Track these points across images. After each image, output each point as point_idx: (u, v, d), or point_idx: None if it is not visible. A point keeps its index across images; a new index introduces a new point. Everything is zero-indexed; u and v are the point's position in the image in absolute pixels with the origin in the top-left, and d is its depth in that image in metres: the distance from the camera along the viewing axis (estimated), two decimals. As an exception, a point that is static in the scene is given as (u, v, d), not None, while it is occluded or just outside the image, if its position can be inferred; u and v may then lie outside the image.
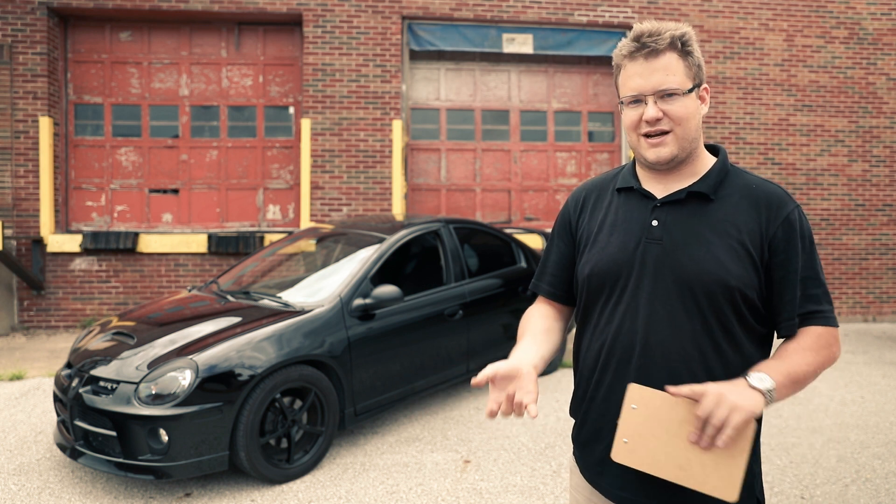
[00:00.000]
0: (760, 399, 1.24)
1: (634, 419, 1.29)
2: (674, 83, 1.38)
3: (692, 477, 1.24)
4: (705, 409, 1.21)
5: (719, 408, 1.20)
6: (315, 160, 7.68)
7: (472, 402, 4.99)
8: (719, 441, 1.20)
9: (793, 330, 1.38)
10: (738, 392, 1.23)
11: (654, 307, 1.40)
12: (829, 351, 1.38)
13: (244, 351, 3.55)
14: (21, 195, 7.37)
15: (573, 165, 8.44)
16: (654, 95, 1.38)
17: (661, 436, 1.26)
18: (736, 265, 1.36)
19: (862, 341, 7.25)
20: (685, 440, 1.25)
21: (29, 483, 3.60)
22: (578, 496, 1.59)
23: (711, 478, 1.23)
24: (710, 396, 1.22)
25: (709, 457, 1.23)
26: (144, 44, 7.84)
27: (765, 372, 1.29)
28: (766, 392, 1.25)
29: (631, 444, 1.29)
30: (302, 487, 3.58)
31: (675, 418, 1.26)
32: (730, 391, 1.22)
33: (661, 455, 1.26)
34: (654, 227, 1.43)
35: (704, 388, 1.23)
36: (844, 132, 8.34)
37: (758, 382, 1.26)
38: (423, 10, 7.77)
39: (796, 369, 1.32)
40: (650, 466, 1.28)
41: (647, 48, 1.38)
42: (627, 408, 1.30)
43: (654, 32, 1.38)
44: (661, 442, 1.26)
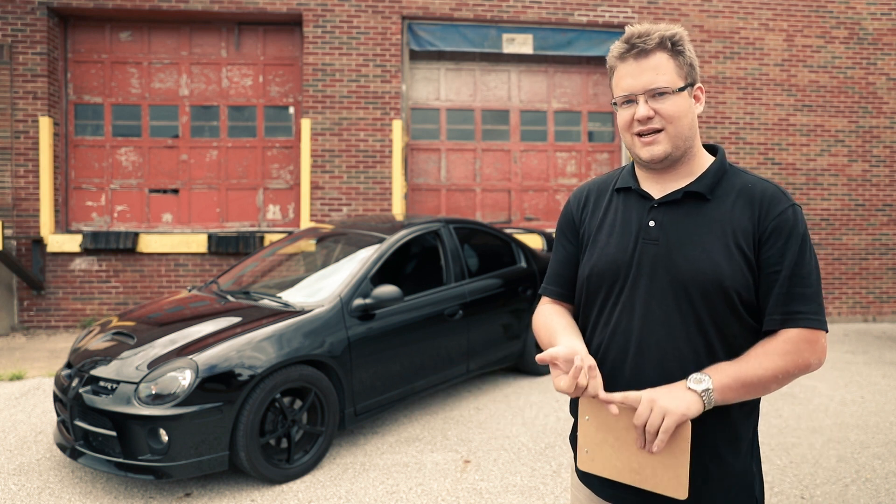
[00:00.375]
0: (695, 400, 1.27)
1: (589, 429, 1.35)
2: (663, 82, 1.39)
3: (646, 479, 1.30)
4: (639, 416, 1.27)
5: (653, 413, 1.25)
6: (315, 160, 7.68)
7: (472, 402, 4.99)
8: (654, 447, 1.25)
9: (773, 327, 1.37)
10: (672, 396, 1.27)
11: (650, 307, 1.41)
12: (799, 357, 1.34)
13: (244, 351, 3.55)
14: (21, 195, 7.37)
15: (573, 165, 8.44)
16: (644, 94, 1.40)
17: (613, 443, 1.33)
18: (731, 265, 1.36)
19: (862, 341, 7.25)
20: (633, 445, 1.30)
21: (29, 483, 3.60)
22: (579, 494, 1.60)
23: (662, 479, 1.29)
24: (643, 403, 1.27)
25: (657, 459, 1.29)
26: (144, 44, 7.84)
27: (709, 373, 1.31)
28: (702, 393, 1.28)
29: (591, 453, 1.36)
30: (302, 487, 3.58)
31: (622, 426, 1.31)
32: (662, 396, 1.27)
33: (617, 461, 1.33)
34: (651, 227, 1.44)
35: (638, 395, 1.28)
36: (844, 132, 8.34)
37: (694, 384, 1.29)
38: (423, 10, 7.77)
39: (750, 373, 1.32)
40: (610, 472, 1.34)
41: (636, 48, 1.40)
42: (582, 419, 1.35)
43: (644, 34, 1.40)
44: (614, 449, 1.33)
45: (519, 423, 4.55)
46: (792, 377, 1.36)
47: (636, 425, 1.27)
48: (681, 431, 1.26)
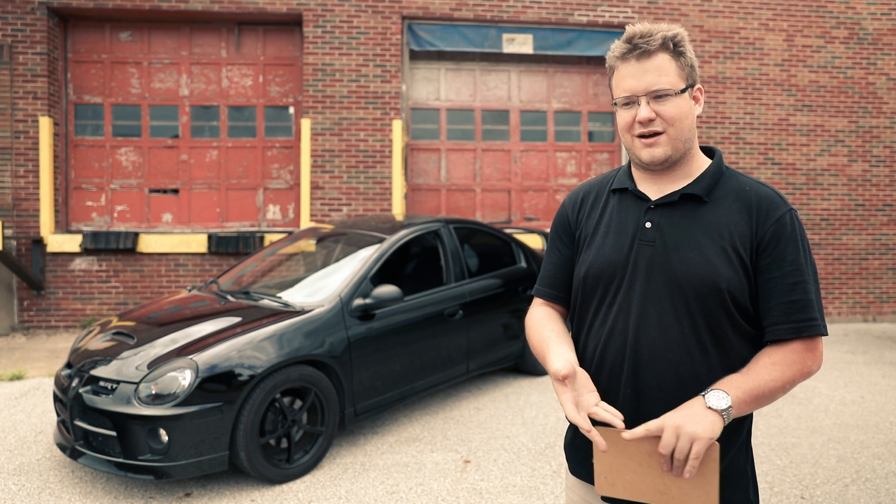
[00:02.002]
0: (718, 420, 1.25)
1: (606, 458, 1.32)
2: (666, 84, 1.38)
3: (674, 499, 1.28)
4: (666, 445, 1.23)
5: (679, 441, 1.22)
6: (315, 160, 7.68)
7: (472, 402, 4.99)
8: (686, 473, 1.23)
9: (778, 336, 1.36)
10: (695, 419, 1.24)
11: (645, 309, 1.41)
12: (801, 365, 1.36)
13: (244, 351, 3.55)
14: (21, 195, 7.37)
15: (573, 165, 8.44)
16: (646, 96, 1.39)
17: (636, 468, 1.30)
18: (726, 268, 1.36)
19: (862, 341, 7.25)
20: (658, 469, 1.28)
21: (29, 483, 3.60)
22: (574, 496, 1.60)
23: (691, 497, 1.27)
24: (669, 431, 1.23)
25: (684, 480, 1.26)
26: (144, 44, 7.84)
27: (725, 389, 1.29)
28: (723, 412, 1.26)
29: (610, 478, 1.33)
30: (302, 487, 3.58)
31: (643, 452, 1.29)
32: (686, 421, 1.24)
33: (641, 484, 1.30)
34: (648, 228, 1.44)
35: (662, 423, 1.25)
36: (844, 132, 8.34)
37: (715, 402, 1.27)
38: (423, 10, 7.77)
39: (761, 385, 1.32)
40: (633, 494, 1.32)
41: (638, 49, 1.39)
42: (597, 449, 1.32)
43: (646, 34, 1.38)
44: (636, 474, 1.30)
45: (519, 423, 4.55)
46: (795, 385, 1.38)
47: (662, 454, 1.24)
48: (710, 452, 1.23)
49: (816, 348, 1.38)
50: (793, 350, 1.36)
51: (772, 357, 1.35)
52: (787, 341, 1.36)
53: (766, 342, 1.39)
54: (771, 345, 1.38)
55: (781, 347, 1.36)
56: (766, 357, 1.36)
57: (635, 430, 1.26)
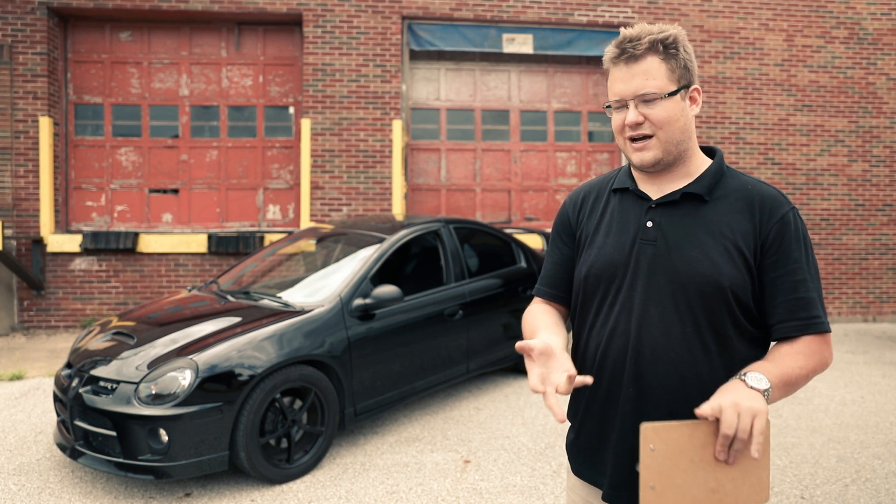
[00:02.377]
0: (764, 399, 1.23)
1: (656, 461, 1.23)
2: (653, 87, 1.38)
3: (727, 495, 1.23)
4: (729, 424, 1.18)
5: (741, 419, 1.18)
6: (315, 160, 7.68)
7: (472, 402, 4.99)
8: (755, 451, 1.17)
9: (786, 334, 1.37)
10: (747, 396, 1.21)
11: (647, 308, 1.41)
12: (820, 356, 1.37)
13: (244, 351, 3.55)
14: (21, 195, 7.37)
15: (573, 165, 8.45)
16: (634, 100, 1.39)
17: (688, 467, 1.23)
18: (729, 266, 1.36)
19: (862, 341, 7.25)
20: (711, 462, 1.22)
21: (29, 483, 3.60)
22: (575, 496, 1.60)
23: (744, 488, 1.22)
24: (728, 410, 1.18)
25: (737, 469, 1.22)
26: (144, 44, 7.84)
27: (761, 372, 1.27)
28: (764, 392, 1.24)
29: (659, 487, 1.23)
30: (302, 487, 3.58)
31: (697, 444, 1.23)
32: (741, 398, 1.20)
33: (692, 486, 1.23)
34: (649, 228, 1.44)
35: (719, 403, 1.20)
36: (844, 132, 8.34)
37: (756, 383, 1.25)
38: (423, 10, 7.77)
39: (790, 372, 1.31)
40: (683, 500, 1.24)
41: (626, 53, 1.39)
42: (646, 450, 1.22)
43: (635, 37, 1.39)
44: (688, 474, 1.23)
45: (519, 423, 4.55)
46: (814, 376, 1.38)
47: (727, 435, 1.18)
48: (766, 431, 1.20)
49: (828, 342, 1.40)
50: (809, 343, 1.37)
51: (794, 346, 1.36)
52: (797, 338, 1.37)
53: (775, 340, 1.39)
54: (781, 341, 1.38)
55: (797, 341, 1.37)
56: (787, 347, 1.36)
57: (703, 408, 1.20)
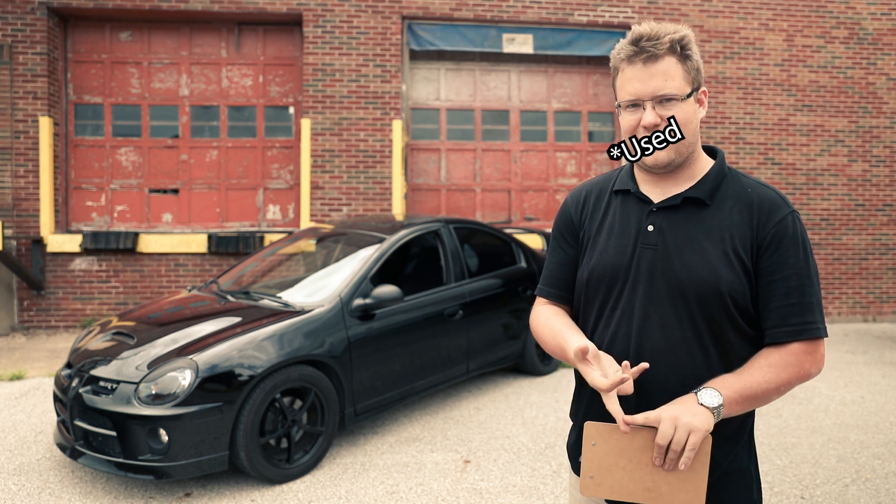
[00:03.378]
0: (710, 416, 1.26)
1: (596, 455, 1.32)
2: (672, 89, 1.36)
3: (661, 496, 1.29)
4: (664, 434, 1.23)
5: (677, 432, 1.22)
6: (315, 160, 7.68)
7: (472, 402, 4.99)
8: (681, 464, 1.23)
9: (779, 339, 1.36)
10: (691, 413, 1.25)
11: (648, 312, 1.41)
12: (800, 368, 1.36)
13: (244, 351, 3.55)
14: (21, 195, 7.37)
15: (573, 165, 8.44)
16: (652, 101, 1.37)
17: (625, 465, 1.30)
18: (728, 271, 1.36)
19: (862, 341, 7.25)
20: (648, 465, 1.28)
21: (29, 483, 3.60)
22: (577, 494, 1.60)
23: (679, 494, 1.28)
24: (666, 422, 1.23)
25: (673, 476, 1.27)
26: (144, 44, 7.84)
27: (717, 388, 1.29)
28: (714, 409, 1.27)
29: (597, 478, 1.32)
30: (302, 487, 3.58)
31: (636, 447, 1.29)
32: (683, 413, 1.24)
33: (629, 483, 1.30)
34: (650, 232, 1.43)
35: (658, 415, 1.25)
36: (844, 132, 8.34)
37: (706, 400, 1.28)
38: (423, 10, 7.77)
39: (753, 386, 1.32)
40: (620, 494, 1.32)
41: (646, 53, 1.36)
42: (587, 445, 1.32)
43: (654, 36, 1.36)
44: (626, 472, 1.30)
45: (519, 423, 4.55)
46: (792, 387, 1.38)
47: (660, 444, 1.24)
48: (702, 446, 1.26)
49: (816, 351, 1.37)
50: (790, 352, 1.35)
51: (768, 359, 1.35)
52: (786, 344, 1.36)
53: (766, 344, 1.39)
54: (769, 346, 1.38)
55: (779, 349, 1.36)
56: (762, 358, 1.36)
57: (635, 417, 1.27)
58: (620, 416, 1.28)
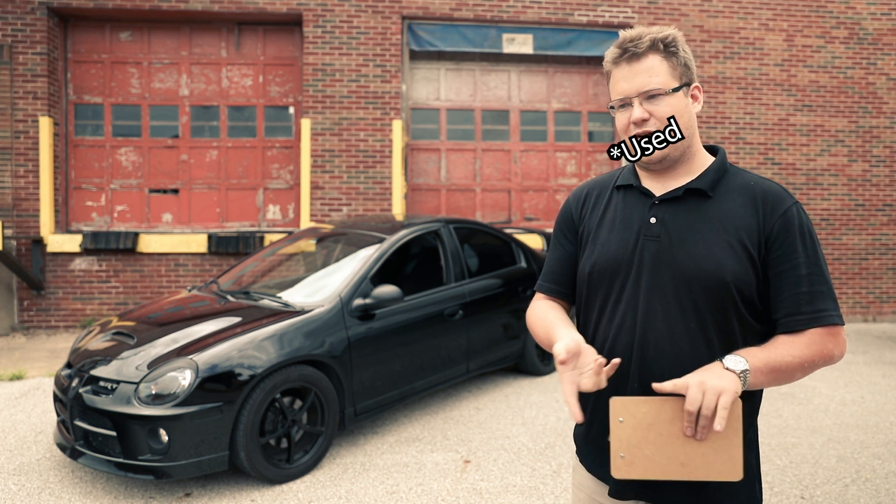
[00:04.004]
0: (736, 380, 1.25)
1: (625, 432, 1.29)
2: (656, 83, 1.40)
3: (697, 469, 1.26)
4: (693, 400, 1.22)
5: (706, 396, 1.21)
6: (315, 160, 7.68)
7: (472, 402, 4.99)
8: (717, 425, 1.20)
9: (791, 328, 1.37)
10: (717, 376, 1.24)
11: (652, 305, 1.41)
12: (823, 347, 1.36)
13: (244, 351, 3.55)
14: (21, 195, 7.37)
15: (573, 165, 8.45)
16: (639, 97, 1.41)
17: (656, 440, 1.27)
18: (733, 262, 1.37)
19: (862, 341, 7.25)
20: (680, 437, 1.26)
21: (29, 483, 3.60)
22: (581, 495, 1.59)
23: (714, 464, 1.25)
24: (694, 387, 1.23)
25: (707, 446, 1.25)
26: (144, 44, 7.84)
27: (742, 356, 1.30)
28: (741, 373, 1.27)
29: (628, 457, 1.29)
30: (302, 487, 3.58)
31: (665, 419, 1.27)
32: (709, 377, 1.24)
33: (661, 458, 1.27)
34: (653, 224, 1.44)
35: (685, 381, 1.24)
36: (844, 132, 8.34)
37: (732, 364, 1.28)
38: (423, 10, 7.77)
39: (778, 359, 1.32)
40: (654, 472, 1.29)
41: (628, 52, 1.41)
42: (615, 422, 1.29)
43: (636, 37, 1.41)
44: (657, 446, 1.27)
45: (519, 423, 4.55)
46: (816, 367, 1.37)
47: (690, 411, 1.22)
48: (733, 411, 1.23)
49: (838, 335, 1.38)
50: (813, 335, 1.36)
51: (793, 337, 1.36)
52: (802, 331, 1.36)
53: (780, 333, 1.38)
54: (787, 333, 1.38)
55: (801, 333, 1.36)
56: (786, 336, 1.37)
57: (663, 384, 1.25)
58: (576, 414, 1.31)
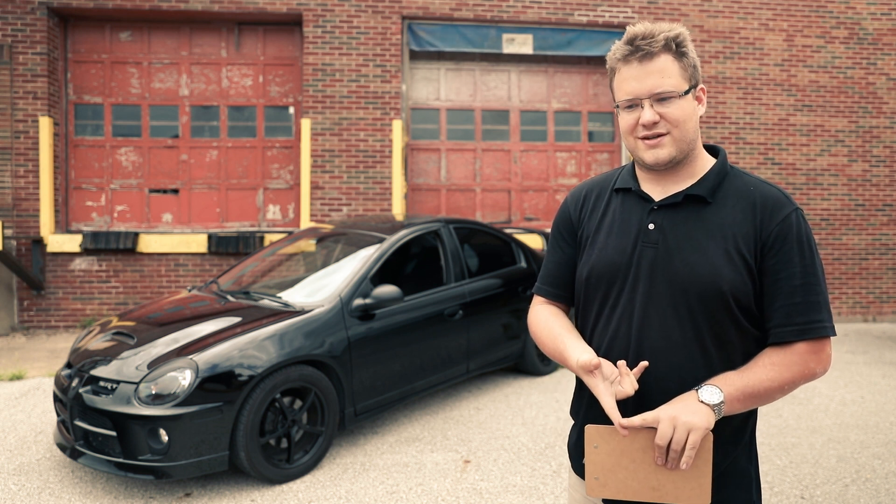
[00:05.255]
0: (711, 414, 1.26)
1: (599, 457, 1.33)
2: (669, 86, 1.36)
3: (667, 493, 1.30)
4: (663, 435, 1.24)
5: (676, 431, 1.23)
6: (315, 160, 7.68)
7: (472, 402, 4.99)
8: (682, 463, 1.24)
9: (785, 339, 1.35)
10: (690, 411, 1.25)
11: (648, 312, 1.40)
12: (805, 368, 1.34)
13: (244, 351, 3.55)
14: (21, 195, 7.37)
15: (573, 165, 8.44)
16: (649, 99, 1.37)
17: (628, 465, 1.31)
18: (729, 270, 1.35)
19: (862, 341, 7.25)
20: (651, 464, 1.29)
21: (29, 483, 3.60)
22: (576, 495, 1.60)
23: (684, 490, 1.29)
24: (665, 422, 1.24)
25: (677, 473, 1.28)
26: (144, 44, 7.84)
27: (718, 385, 1.29)
28: (714, 407, 1.27)
29: (602, 479, 1.33)
30: (302, 487, 3.58)
31: (637, 447, 1.30)
32: (681, 412, 1.25)
33: (633, 482, 1.31)
34: (651, 230, 1.42)
35: (657, 415, 1.25)
36: (844, 132, 8.34)
37: (707, 397, 1.27)
38: (423, 10, 7.77)
39: (755, 384, 1.31)
40: (626, 494, 1.33)
41: (640, 51, 1.36)
42: (590, 448, 1.33)
43: (648, 35, 1.36)
44: (629, 472, 1.31)
45: (519, 423, 4.55)
46: (796, 387, 1.37)
47: (659, 445, 1.25)
48: (703, 443, 1.26)
49: (822, 350, 1.36)
50: (794, 352, 1.34)
51: (771, 357, 1.35)
52: (790, 343, 1.35)
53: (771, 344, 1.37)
54: (773, 346, 1.37)
55: (783, 349, 1.35)
56: (765, 357, 1.35)
57: (632, 420, 1.27)
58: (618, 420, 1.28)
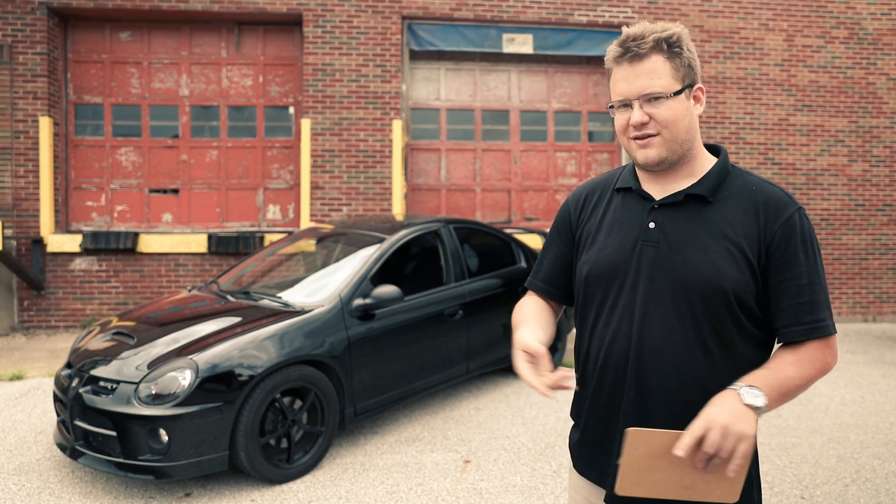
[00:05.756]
0: (755, 418, 1.25)
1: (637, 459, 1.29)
2: (658, 87, 1.36)
3: (698, 492, 1.27)
4: (712, 444, 1.20)
5: (726, 440, 1.20)
6: (315, 160, 7.68)
7: (472, 402, 4.99)
8: (730, 472, 1.20)
9: (791, 338, 1.36)
10: (740, 417, 1.22)
11: (648, 311, 1.40)
12: (823, 362, 1.36)
13: (244, 351, 3.55)
14: (21, 195, 7.37)
15: (573, 165, 8.44)
16: (639, 99, 1.37)
17: (665, 467, 1.27)
18: (732, 269, 1.35)
19: (862, 341, 7.25)
20: (689, 466, 1.26)
21: (29, 483, 3.60)
22: (577, 496, 1.59)
23: (716, 490, 1.26)
24: (716, 431, 1.20)
25: (713, 473, 1.25)
26: (144, 44, 7.84)
27: (758, 386, 1.27)
28: (758, 409, 1.26)
29: (635, 479, 1.30)
30: (302, 487, 3.58)
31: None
32: (732, 420, 1.21)
33: (667, 482, 1.28)
34: (651, 229, 1.42)
35: (707, 424, 1.22)
36: (844, 132, 8.34)
37: (752, 399, 1.25)
38: (423, 10, 7.77)
39: (787, 384, 1.32)
40: (656, 493, 1.30)
41: (630, 52, 1.37)
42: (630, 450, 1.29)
43: (638, 36, 1.37)
44: (665, 472, 1.28)
45: (519, 423, 4.55)
46: (814, 382, 1.38)
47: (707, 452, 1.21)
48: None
49: (832, 345, 1.38)
50: (812, 349, 1.36)
51: (795, 355, 1.35)
52: (802, 343, 1.36)
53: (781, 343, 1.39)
54: (786, 346, 1.38)
55: (798, 348, 1.36)
56: (788, 355, 1.36)
57: (684, 441, 1.22)
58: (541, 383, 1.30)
